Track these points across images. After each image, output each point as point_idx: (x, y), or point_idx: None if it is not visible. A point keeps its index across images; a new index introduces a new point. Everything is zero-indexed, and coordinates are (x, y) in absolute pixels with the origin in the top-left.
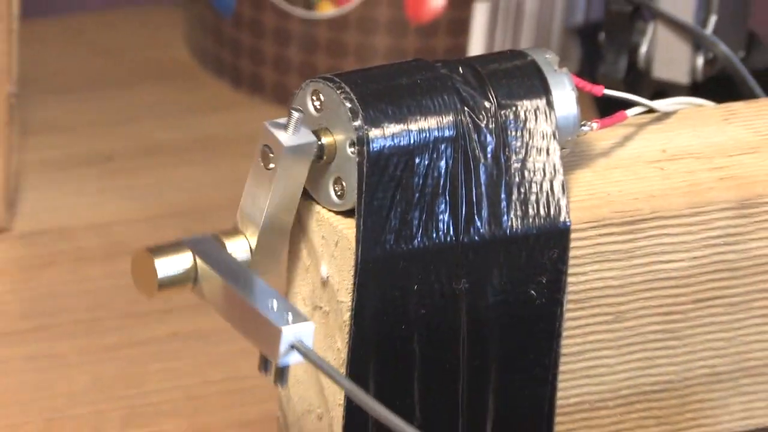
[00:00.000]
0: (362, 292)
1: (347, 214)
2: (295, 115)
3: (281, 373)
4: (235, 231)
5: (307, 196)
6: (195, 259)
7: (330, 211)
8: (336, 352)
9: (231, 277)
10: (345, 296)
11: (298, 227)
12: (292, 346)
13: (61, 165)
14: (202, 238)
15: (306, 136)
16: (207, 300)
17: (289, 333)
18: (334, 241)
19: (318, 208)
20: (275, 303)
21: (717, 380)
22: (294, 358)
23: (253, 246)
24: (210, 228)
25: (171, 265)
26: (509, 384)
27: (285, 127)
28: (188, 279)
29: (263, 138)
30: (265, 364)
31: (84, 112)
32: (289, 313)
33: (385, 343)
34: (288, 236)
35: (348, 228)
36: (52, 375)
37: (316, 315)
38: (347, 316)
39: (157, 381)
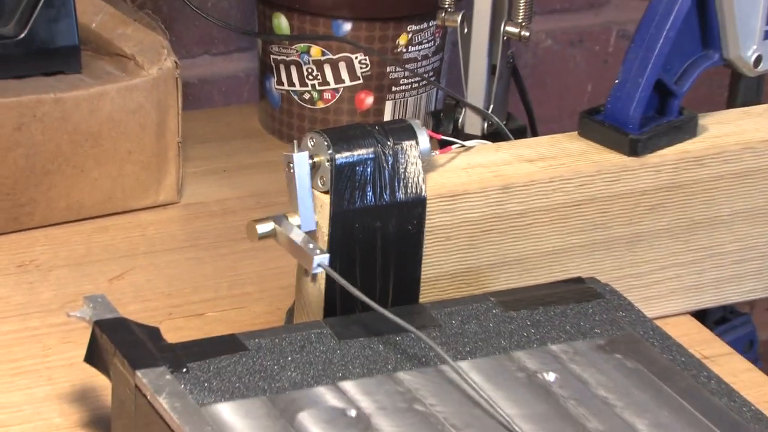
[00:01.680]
0: (332, 228)
1: (326, 193)
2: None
3: (314, 276)
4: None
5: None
6: (274, 225)
7: (319, 191)
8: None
9: (290, 232)
10: (325, 229)
11: None
12: (318, 265)
13: (202, 173)
14: (278, 216)
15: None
16: (280, 244)
17: (317, 259)
18: (320, 204)
19: (314, 190)
20: (311, 245)
21: (493, 268)
22: (318, 270)
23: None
24: (273, 199)
25: (264, 227)
26: (399, 269)
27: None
28: (272, 234)
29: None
30: (306, 272)
31: (212, 149)
32: (318, 250)
33: (343, 251)
34: None
35: (326, 199)
36: (194, 267)
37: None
38: (326, 238)
39: (244, 268)
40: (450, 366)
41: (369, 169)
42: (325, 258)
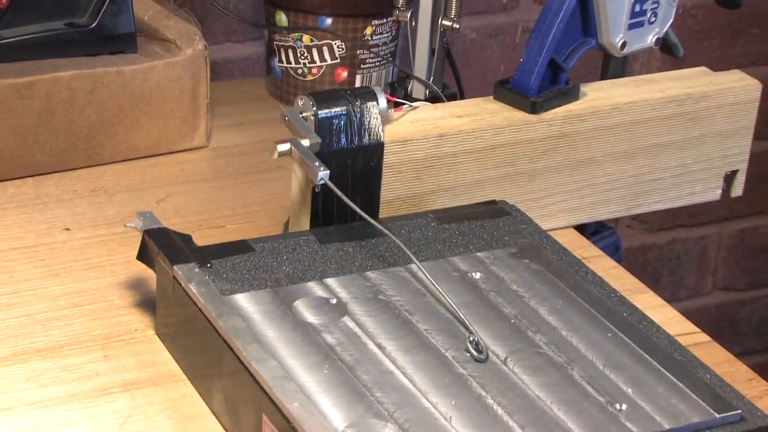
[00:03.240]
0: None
1: None
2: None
3: (318, 187)
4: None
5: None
6: (291, 146)
7: None
8: (309, 181)
9: (302, 152)
10: (316, 158)
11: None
12: (321, 177)
13: (224, 126)
14: (293, 139)
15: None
16: (293, 158)
17: (321, 173)
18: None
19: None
20: (317, 163)
21: (432, 194)
22: (321, 181)
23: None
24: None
25: (283, 147)
26: (365, 194)
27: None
28: (288, 153)
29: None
30: (311, 183)
31: (232, 109)
32: (322, 166)
33: (330, 178)
34: None
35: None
36: (218, 192)
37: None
38: (319, 162)
39: (254, 194)
40: (416, 264)
41: (342, 122)
42: (326, 173)
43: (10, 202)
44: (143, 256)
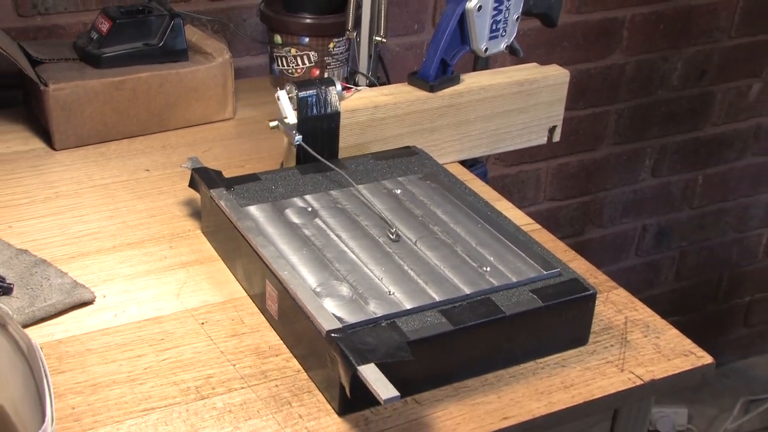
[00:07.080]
0: (299, 126)
1: (295, 110)
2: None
3: (296, 145)
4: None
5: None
6: (278, 122)
7: (292, 110)
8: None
9: (285, 126)
10: (294, 128)
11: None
12: (297, 140)
13: (244, 105)
14: (280, 118)
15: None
16: (280, 130)
17: (297, 137)
18: (293, 116)
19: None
20: (294, 131)
21: (370, 144)
22: (298, 142)
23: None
24: (276, 116)
25: (273, 123)
26: (328, 145)
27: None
28: (277, 127)
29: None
30: (290, 143)
31: (249, 96)
32: (298, 135)
33: (303, 138)
34: None
35: (295, 113)
36: (240, 145)
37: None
38: (295, 131)
39: (263, 146)
40: (354, 188)
41: (314, 99)
42: (300, 137)
43: (112, 154)
44: (193, 184)
